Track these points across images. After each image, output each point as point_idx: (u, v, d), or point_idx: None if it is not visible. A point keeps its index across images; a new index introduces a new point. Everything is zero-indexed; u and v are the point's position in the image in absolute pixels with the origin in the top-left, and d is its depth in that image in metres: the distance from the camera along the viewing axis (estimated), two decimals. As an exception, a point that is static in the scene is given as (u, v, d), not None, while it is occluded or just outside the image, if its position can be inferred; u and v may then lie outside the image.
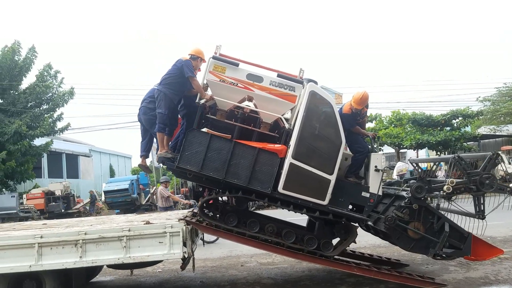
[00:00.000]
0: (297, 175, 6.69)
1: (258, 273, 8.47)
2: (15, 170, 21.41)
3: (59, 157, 32.98)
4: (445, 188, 6.86)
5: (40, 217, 20.51)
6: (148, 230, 6.42)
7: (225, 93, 6.76)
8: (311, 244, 7.03)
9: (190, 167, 6.67)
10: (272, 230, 7.06)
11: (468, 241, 7.03)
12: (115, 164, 45.34)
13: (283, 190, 6.66)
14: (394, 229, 6.97)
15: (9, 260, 6.19)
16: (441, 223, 7.01)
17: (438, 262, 8.53)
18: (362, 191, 7.09)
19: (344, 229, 7.26)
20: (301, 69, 6.89)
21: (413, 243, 7.06)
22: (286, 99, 6.76)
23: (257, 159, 6.65)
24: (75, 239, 6.26)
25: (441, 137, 25.89)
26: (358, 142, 7.53)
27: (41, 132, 22.03)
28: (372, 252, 9.27)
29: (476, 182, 6.84)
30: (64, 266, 6.25)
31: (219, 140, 6.68)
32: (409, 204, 6.96)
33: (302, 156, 6.69)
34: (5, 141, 20.42)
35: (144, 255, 6.37)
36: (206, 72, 6.72)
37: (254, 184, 6.68)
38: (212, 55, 6.78)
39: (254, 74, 6.77)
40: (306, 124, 6.72)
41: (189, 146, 6.67)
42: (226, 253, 10.38)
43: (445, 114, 27.19)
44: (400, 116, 28.12)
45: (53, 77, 23.29)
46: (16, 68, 22.22)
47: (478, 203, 7.03)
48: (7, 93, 22.29)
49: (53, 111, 23.09)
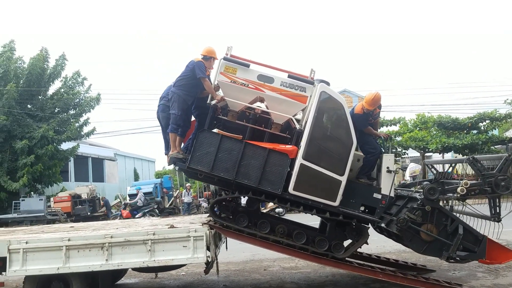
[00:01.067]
0: (307, 176, 6.66)
1: (281, 278, 8.46)
2: (43, 174, 21.93)
3: (85, 161, 33.61)
4: (458, 190, 6.76)
5: (67, 220, 20.90)
6: (172, 234, 6.48)
7: (236, 94, 6.80)
8: (321, 245, 6.99)
9: (201, 168, 6.72)
10: (282, 231, 7.05)
11: (483, 244, 6.88)
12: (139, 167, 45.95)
13: (293, 191, 6.65)
14: (407, 231, 6.88)
15: (38, 262, 6.35)
16: (455, 226, 6.89)
17: (465, 268, 8.36)
18: (374, 192, 7.02)
19: (355, 231, 7.18)
20: (312, 69, 6.87)
21: (426, 246, 6.95)
22: (297, 99, 6.74)
23: (268, 160, 6.66)
24: (102, 242, 6.37)
25: (468, 141, 25.32)
26: (369, 143, 7.46)
27: (68, 136, 22.56)
28: (397, 257, 9.15)
29: (491, 184, 6.72)
30: (91, 268, 6.36)
31: (230, 141, 6.71)
32: (421, 205, 6.87)
33: (312, 157, 6.67)
34: (33, 145, 20.95)
35: (168, 259, 6.43)
36: (217, 73, 6.78)
37: (264, 184, 6.69)
38: (223, 56, 6.82)
39: (265, 75, 6.79)
40: (317, 125, 6.71)
41: (200, 147, 6.72)
42: (249, 257, 10.39)
43: (472, 117, 26.58)
44: (425, 119, 27.61)
45: (81, 83, 23.81)
46: (45, 74, 22.81)
47: (494, 205, 6.92)
48: (35, 99, 22.87)
49: (79, 116, 23.59)
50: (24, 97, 22.17)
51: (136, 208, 21.20)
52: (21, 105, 22.11)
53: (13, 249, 6.33)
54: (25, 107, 22.66)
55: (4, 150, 21.14)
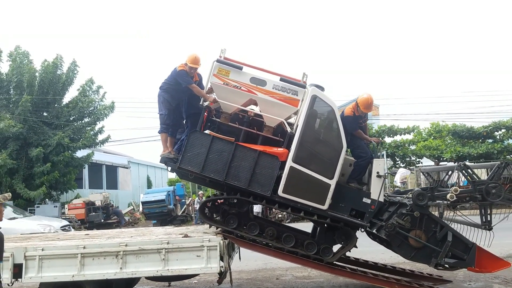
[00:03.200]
0: (297, 179, 6.70)
1: (294, 287, 8.42)
2: (58, 181, 22.20)
3: (99, 168, 33.92)
4: (448, 196, 6.74)
5: (81, 226, 21.10)
6: (186, 244, 6.51)
7: (228, 96, 6.89)
8: (310, 249, 7.01)
9: (191, 168, 6.81)
10: (272, 234, 7.07)
11: (472, 252, 6.84)
12: (152, 175, 46.18)
13: (283, 194, 6.69)
14: (395, 236, 6.87)
15: (53, 269, 6.42)
16: (444, 232, 6.85)
17: (481, 279, 8.25)
18: (364, 197, 7.01)
19: (344, 235, 7.17)
20: (304, 73, 6.96)
21: (415, 252, 6.93)
22: (288, 103, 6.81)
23: (258, 162, 6.72)
24: (116, 250, 6.42)
25: (483, 150, 25.04)
26: (360, 148, 7.48)
27: (83, 144, 22.82)
28: (411, 267, 9.05)
29: (482, 191, 6.67)
30: (105, 276, 6.41)
31: (221, 142, 6.79)
32: (410, 211, 6.84)
33: (302, 160, 6.72)
34: (48, 153, 21.23)
35: (182, 268, 6.46)
36: (210, 75, 6.88)
37: (254, 186, 6.74)
38: (216, 58, 6.91)
39: (257, 77, 6.88)
40: (307, 128, 6.76)
41: (191, 148, 6.81)
42: (261, 265, 10.37)
43: (487, 125, 26.29)
44: (439, 128, 27.38)
45: (95, 92, 24.08)
46: (60, 82, 23.13)
47: (485, 213, 6.90)
48: (51, 107, 23.19)
49: (94, 124, 23.85)
50: (39, 105, 22.50)
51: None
52: (37, 113, 22.44)
53: (29, 256, 6.41)
54: (41, 115, 22.99)
55: (20, 157, 21.45)
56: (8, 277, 6.35)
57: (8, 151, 20.76)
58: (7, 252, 6.25)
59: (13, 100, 22.20)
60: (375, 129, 27.73)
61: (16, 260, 6.40)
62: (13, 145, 21.02)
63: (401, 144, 27.24)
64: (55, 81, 22.88)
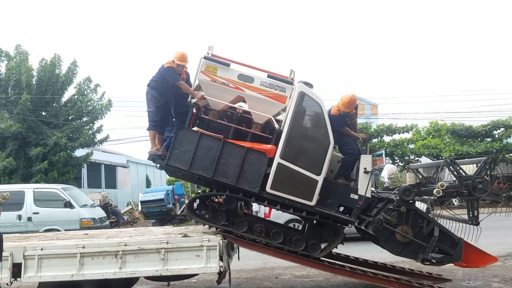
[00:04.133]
0: (285, 175, 6.74)
1: (293, 286, 8.44)
2: (57, 180, 22.16)
3: (98, 168, 33.84)
4: (434, 192, 6.77)
5: (80, 226, 21.02)
6: (186, 243, 6.52)
7: (216, 93, 6.91)
8: (298, 245, 7.03)
9: (179, 165, 6.81)
10: (260, 230, 7.09)
11: (459, 247, 6.89)
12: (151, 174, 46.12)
13: (271, 190, 6.73)
14: (382, 232, 6.91)
15: (52, 268, 6.43)
16: (430, 228, 6.89)
17: (480, 278, 8.28)
18: (351, 193, 7.04)
19: (332, 231, 7.20)
20: (292, 70, 6.98)
21: (401, 247, 6.98)
22: (276, 99, 6.84)
23: (246, 159, 6.74)
24: (116, 250, 6.42)
25: (482, 149, 25.07)
26: (347, 144, 7.53)
27: (81, 143, 22.77)
28: (411, 266, 9.07)
29: (468, 186, 6.71)
30: (104, 276, 6.42)
31: (209, 139, 6.80)
32: (397, 206, 6.89)
33: (290, 156, 6.75)
34: (47, 152, 21.21)
35: (181, 268, 6.47)
36: (198, 72, 6.88)
37: (242, 183, 6.76)
38: (204, 55, 6.92)
39: (245, 74, 6.90)
40: (295, 125, 6.80)
41: (179, 144, 6.82)
42: (260, 264, 10.39)
43: (486, 124, 26.35)
44: (438, 126, 27.42)
45: (93, 90, 24.01)
46: (58, 82, 23.07)
47: (472, 208, 6.93)
48: (49, 106, 23.13)
49: (92, 123, 23.80)
50: (38, 105, 22.44)
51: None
52: (35, 112, 22.38)
53: (29, 255, 6.42)
54: (40, 114, 22.93)
55: (19, 157, 21.42)
56: (7, 276, 6.36)
57: (7, 151, 20.72)
58: (6, 251, 6.27)
59: (11, 99, 22.14)
60: (374, 128, 27.75)
61: (15, 259, 6.41)
62: (12, 145, 20.98)
63: (400, 143, 27.25)
64: (54, 80, 22.82)
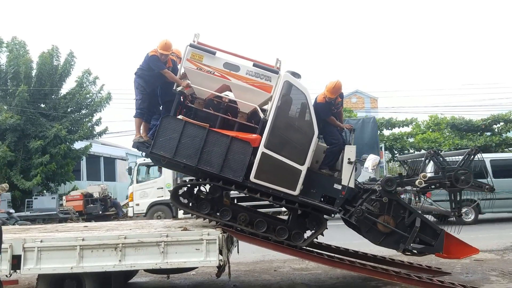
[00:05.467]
0: (269, 164, 6.72)
1: (292, 279, 8.46)
2: (56, 173, 22.17)
3: (97, 160, 33.85)
4: (417, 183, 6.81)
5: (79, 218, 21.09)
6: (185, 237, 6.50)
7: (202, 81, 6.86)
8: (282, 234, 7.04)
9: (163, 153, 6.80)
10: (244, 219, 7.08)
11: (440, 238, 6.92)
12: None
13: (255, 179, 6.71)
14: (364, 222, 6.95)
15: (52, 261, 6.41)
16: (412, 218, 6.92)
17: (478, 272, 8.30)
18: (334, 183, 7.01)
19: (315, 221, 7.22)
20: (278, 59, 6.93)
21: (383, 237, 7.02)
22: (261, 88, 6.80)
23: (230, 148, 6.72)
24: (115, 243, 6.41)
25: (481, 143, 25.12)
26: (332, 134, 7.51)
27: (80, 136, 22.76)
28: (409, 260, 9.09)
29: (451, 177, 6.73)
30: (104, 269, 6.41)
31: (193, 127, 6.76)
32: (379, 197, 6.92)
33: (274, 145, 6.73)
34: (46, 145, 21.19)
35: (180, 261, 6.46)
36: (184, 60, 6.83)
37: (226, 172, 6.74)
38: (189, 43, 6.86)
39: (231, 63, 6.84)
40: (279, 114, 6.77)
41: (164, 132, 6.79)
42: (259, 257, 10.40)
43: (486, 118, 26.39)
44: (438, 120, 27.46)
45: (92, 83, 23.96)
46: (57, 73, 23.01)
47: (455, 199, 6.99)
48: (48, 98, 23.09)
49: (91, 116, 23.77)
50: (36, 97, 22.38)
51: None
52: (34, 104, 22.32)
53: (28, 248, 6.40)
54: (38, 106, 22.88)
55: (18, 149, 21.40)
56: (6, 268, 6.35)
57: (6, 142, 20.71)
58: (6, 243, 6.25)
59: (10, 91, 22.08)
60: (373, 121, 27.73)
61: (15, 251, 6.40)
62: (11, 137, 20.96)
63: (400, 137, 27.28)
64: (52, 72, 22.76)
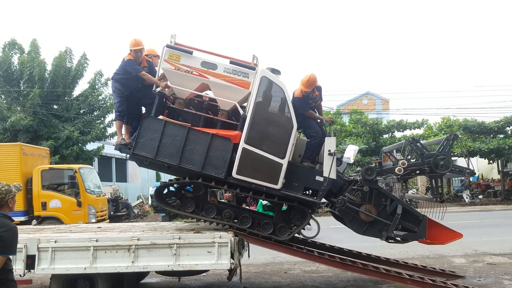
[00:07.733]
0: (250, 160, 6.78)
1: (302, 281, 8.47)
2: (68, 173, 22.35)
3: (109, 161, 34.07)
4: (396, 170, 6.87)
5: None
6: (198, 239, 6.57)
7: (181, 81, 6.93)
8: (266, 228, 7.09)
9: (145, 154, 6.86)
10: (229, 216, 7.15)
11: (423, 224, 6.95)
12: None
13: (237, 175, 6.76)
14: (346, 212, 7.00)
15: (66, 261, 6.51)
16: (394, 206, 6.94)
17: (491, 275, 8.24)
18: (316, 175, 7.03)
19: (299, 214, 7.24)
20: (254, 55, 6.98)
21: (366, 227, 7.08)
22: (240, 85, 6.86)
23: (211, 145, 6.78)
24: (129, 244, 6.48)
25: (494, 145, 24.83)
26: (311, 128, 7.54)
27: (93, 137, 22.97)
28: (421, 262, 9.05)
29: (430, 163, 6.76)
30: (117, 270, 6.49)
31: (174, 127, 6.83)
32: (360, 186, 6.96)
33: (254, 140, 6.78)
34: (58, 146, 21.41)
35: (192, 264, 6.52)
36: (162, 61, 6.89)
37: (208, 169, 6.79)
38: (166, 43, 6.93)
39: (208, 61, 6.90)
40: (258, 109, 6.83)
41: (145, 133, 6.86)
42: (269, 259, 10.43)
43: (499, 120, 26.08)
44: (450, 122, 27.17)
45: (104, 84, 24.18)
46: (70, 75, 23.27)
47: (436, 185, 7.00)
48: (61, 100, 23.34)
49: (104, 117, 23.98)
50: (49, 98, 22.62)
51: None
52: (47, 106, 22.57)
53: (42, 248, 6.51)
54: (51, 108, 23.13)
55: (30, 150, 21.64)
56: (21, 268, 6.44)
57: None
58: (21, 243, 6.34)
59: (24, 93, 22.37)
60: (385, 123, 27.58)
61: (29, 251, 6.50)
62: (23, 138, 21.19)
63: (411, 139, 27.08)
64: (65, 74, 23.02)
